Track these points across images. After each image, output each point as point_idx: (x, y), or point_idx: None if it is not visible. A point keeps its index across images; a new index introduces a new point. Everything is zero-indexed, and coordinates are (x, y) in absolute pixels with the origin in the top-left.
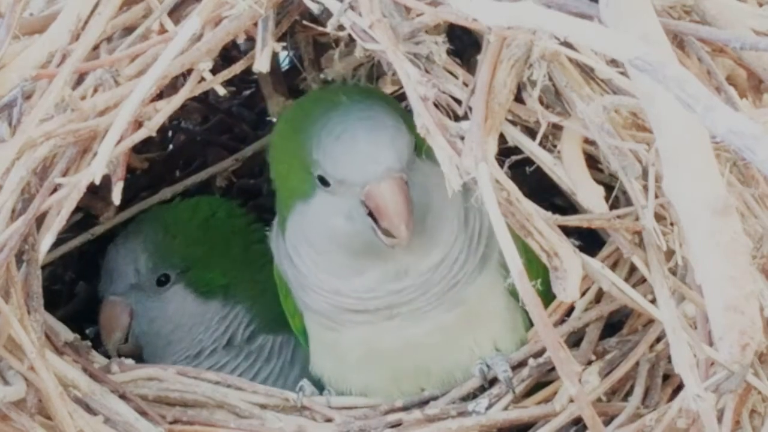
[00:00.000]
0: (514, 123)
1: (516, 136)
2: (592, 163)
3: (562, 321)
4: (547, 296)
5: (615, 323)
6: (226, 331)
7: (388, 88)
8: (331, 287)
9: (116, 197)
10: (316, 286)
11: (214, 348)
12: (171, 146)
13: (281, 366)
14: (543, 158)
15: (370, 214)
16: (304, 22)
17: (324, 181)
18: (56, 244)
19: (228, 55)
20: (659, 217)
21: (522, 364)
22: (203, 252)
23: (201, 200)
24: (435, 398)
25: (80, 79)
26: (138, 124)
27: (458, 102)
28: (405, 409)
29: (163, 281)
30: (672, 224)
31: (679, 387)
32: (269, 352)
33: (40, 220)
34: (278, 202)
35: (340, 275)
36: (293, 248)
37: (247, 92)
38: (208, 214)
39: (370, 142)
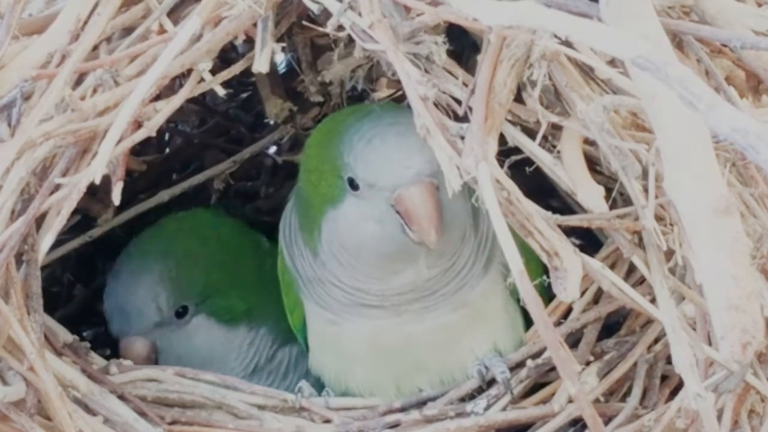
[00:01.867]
0: (514, 123)
1: (516, 136)
2: (592, 164)
3: (559, 322)
4: (545, 295)
5: (613, 324)
6: (254, 355)
7: (386, 89)
8: (366, 288)
9: (116, 198)
10: (348, 286)
11: (243, 375)
12: (168, 149)
13: (297, 380)
14: (543, 158)
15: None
16: (303, 23)
17: (354, 184)
18: (54, 246)
19: (226, 57)
20: (659, 217)
21: (520, 365)
22: (221, 279)
23: (200, 218)
24: (433, 399)
25: (80, 79)
26: (138, 125)
27: (458, 102)
28: (403, 409)
29: (181, 312)
30: (672, 224)
31: (678, 387)
32: (286, 368)
33: (39, 220)
34: (309, 210)
35: (379, 278)
36: (331, 254)
37: (244, 95)
38: (216, 238)
39: (401, 146)
